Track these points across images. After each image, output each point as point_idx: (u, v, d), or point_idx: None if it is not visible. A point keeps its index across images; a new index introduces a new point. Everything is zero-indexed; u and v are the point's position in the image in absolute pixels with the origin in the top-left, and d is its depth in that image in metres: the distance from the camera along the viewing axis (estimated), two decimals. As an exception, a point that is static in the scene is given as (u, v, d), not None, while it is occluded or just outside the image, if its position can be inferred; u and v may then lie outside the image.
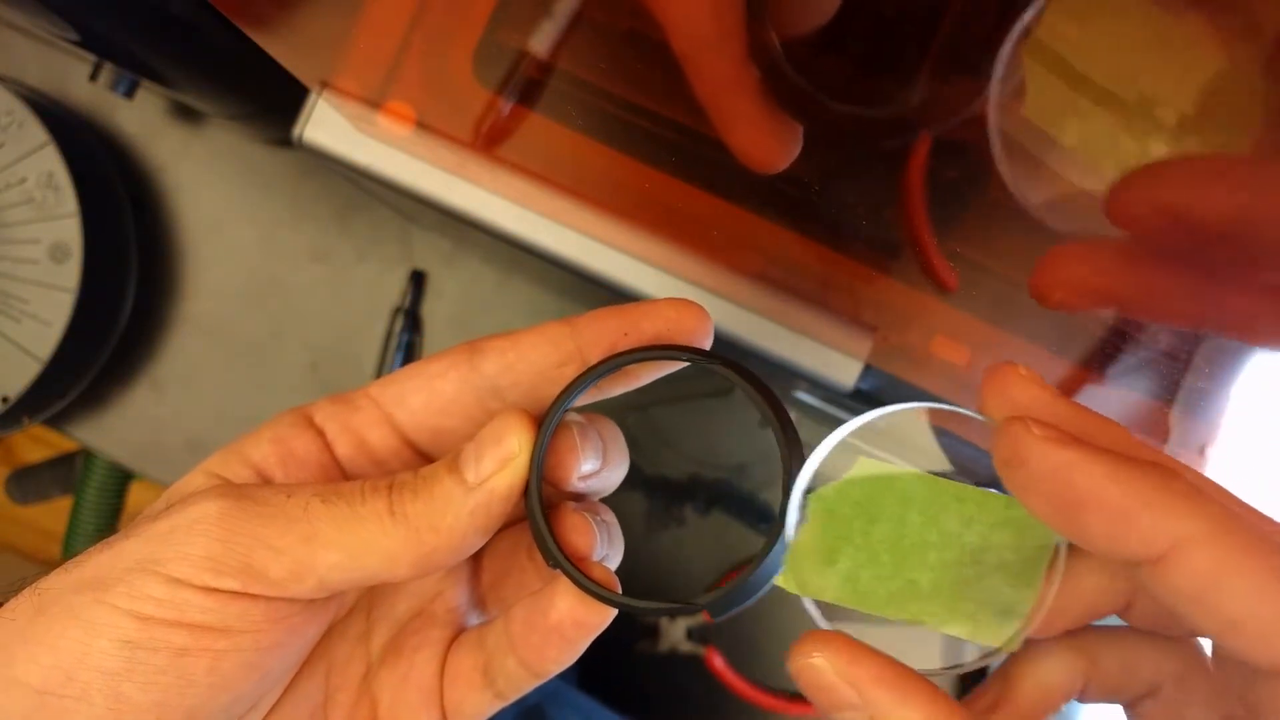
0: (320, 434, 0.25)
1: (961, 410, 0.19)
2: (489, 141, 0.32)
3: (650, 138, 0.29)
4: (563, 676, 0.46)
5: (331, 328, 0.56)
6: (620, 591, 0.22)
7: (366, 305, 0.56)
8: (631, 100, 0.29)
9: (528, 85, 0.30)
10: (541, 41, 0.28)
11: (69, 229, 0.49)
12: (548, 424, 0.22)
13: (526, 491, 0.22)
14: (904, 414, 0.20)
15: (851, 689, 0.18)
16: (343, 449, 0.25)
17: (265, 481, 0.24)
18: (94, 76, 0.46)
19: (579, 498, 0.24)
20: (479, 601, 0.27)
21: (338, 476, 0.25)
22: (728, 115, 0.23)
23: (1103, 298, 0.22)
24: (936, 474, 0.19)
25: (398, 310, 0.55)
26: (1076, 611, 0.20)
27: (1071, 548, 0.19)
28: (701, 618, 0.54)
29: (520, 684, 0.24)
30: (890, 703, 0.17)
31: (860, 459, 0.19)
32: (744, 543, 0.55)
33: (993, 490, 0.19)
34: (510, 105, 0.31)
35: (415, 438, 0.25)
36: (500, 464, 0.21)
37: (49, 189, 0.49)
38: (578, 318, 0.24)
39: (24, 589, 0.21)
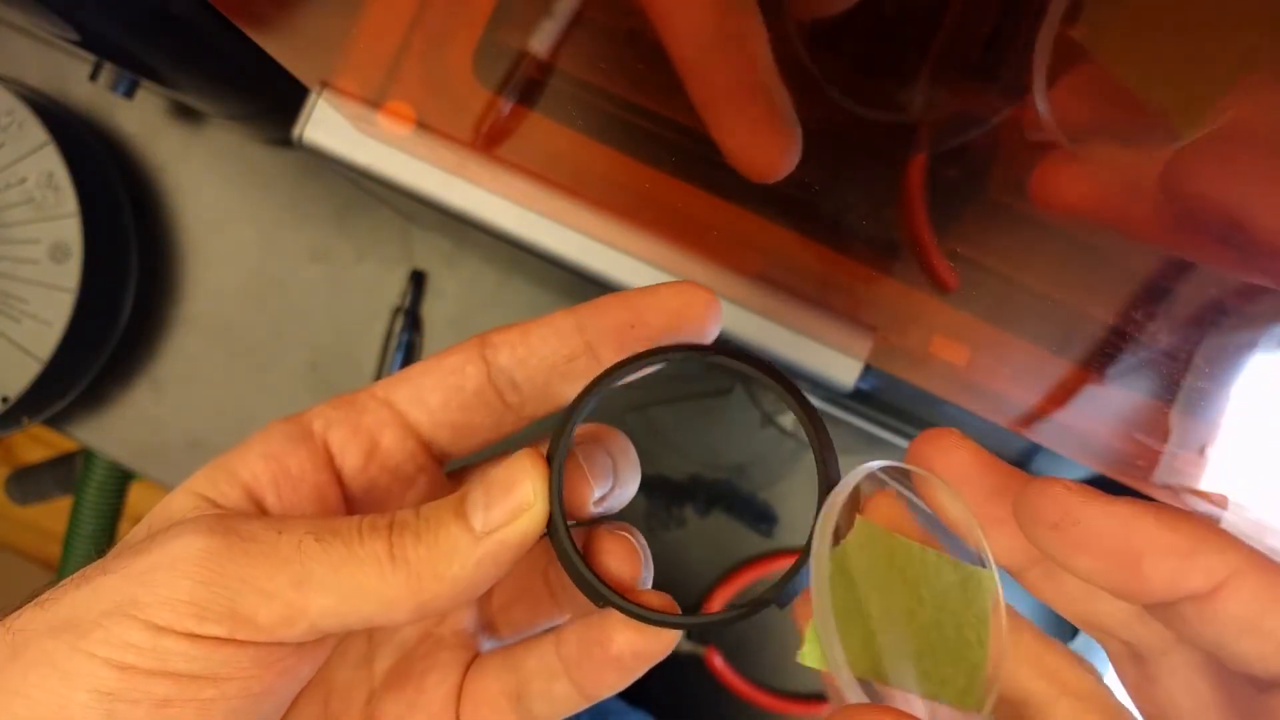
0: (318, 446, 0.23)
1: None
2: (489, 141, 0.32)
3: (650, 138, 0.29)
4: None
5: (331, 328, 0.56)
6: (680, 611, 0.21)
7: (366, 305, 0.56)
8: (631, 100, 0.29)
9: (528, 85, 0.30)
10: (541, 41, 0.28)
11: (69, 229, 0.49)
12: (561, 447, 0.21)
13: (552, 531, 0.21)
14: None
15: None
16: (352, 459, 0.24)
17: (256, 503, 0.22)
18: (94, 76, 0.46)
19: (594, 520, 0.23)
20: (488, 625, 0.26)
21: (335, 497, 0.24)
22: (725, 123, 0.22)
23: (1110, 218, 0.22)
24: None
25: (398, 310, 0.55)
26: None
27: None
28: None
29: (569, 708, 0.23)
30: None
31: (858, 520, 0.19)
32: (744, 543, 0.55)
33: (941, 553, 0.19)
34: (510, 105, 0.31)
35: (435, 436, 0.24)
36: (512, 514, 0.20)
37: (49, 189, 0.49)
38: (582, 307, 0.23)
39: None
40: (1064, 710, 0.20)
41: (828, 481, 0.20)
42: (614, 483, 0.23)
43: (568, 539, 0.21)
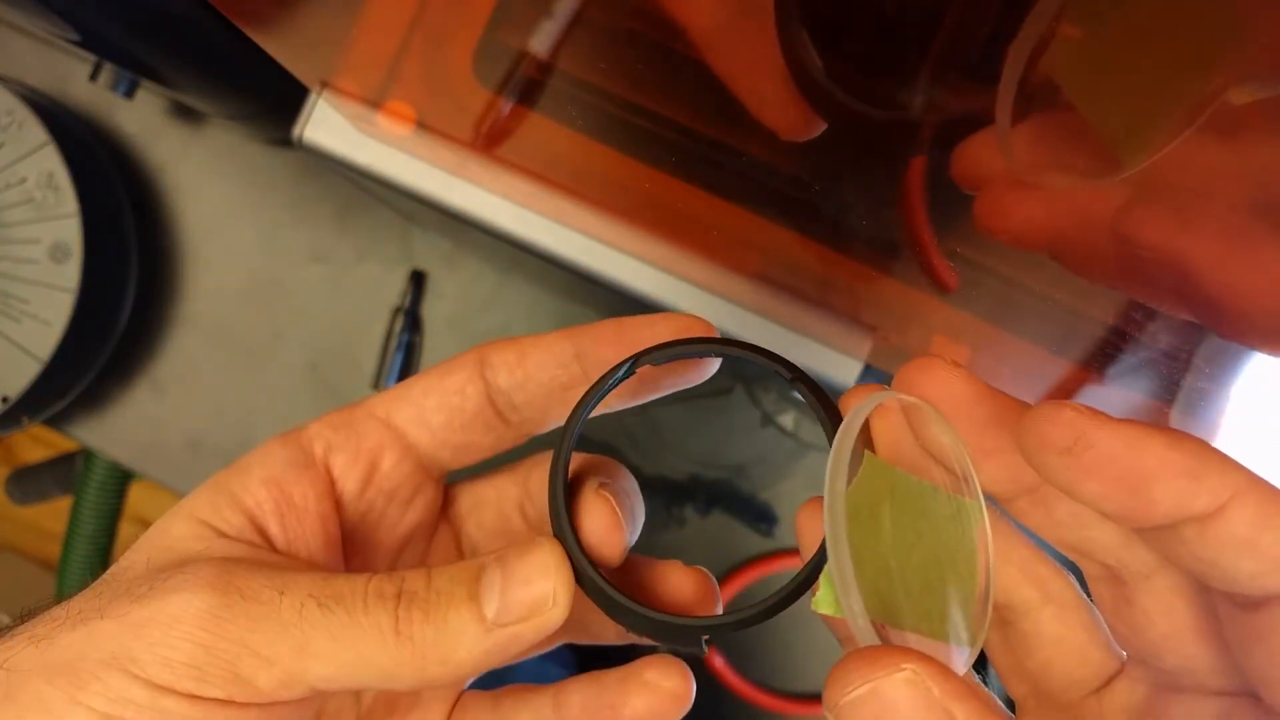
0: (320, 473, 0.23)
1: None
2: (489, 141, 0.32)
3: (650, 138, 0.29)
4: (563, 670, 0.45)
5: (331, 328, 0.56)
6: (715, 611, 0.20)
7: (366, 305, 0.56)
8: (631, 100, 0.29)
9: (528, 85, 0.30)
10: (541, 41, 0.28)
11: (69, 229, 0.49)
12: (561, 459, 0.20)
13: (580, 579, 0.20)
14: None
15: (943, 710, 0.16)
16: (351, 484, 0.23)
17: (260, 532, 0.22)
18: (94, 76, 0.46)
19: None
20: None
21: (336, 526, 0.23)
22: (752, 89, 0.21)
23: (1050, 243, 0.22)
24: None
25: (398, 310, 0.55)
26: None
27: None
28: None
29: None
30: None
31: (867, 456, 0.18)
32: (744, 543, 0.55)
33: (939, 489, 0.19)
34: (510, 105, 0.31)
35: (436, 455, 0.24)
36: (530, 611, 0.19)
37: (49, 189, 0.49)
38: (579, 332, 0.23)
39: None
40: (1049, 615, 0.20)
41: (835, 420, 0.19)
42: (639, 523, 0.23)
43: (602, 580, 0.20)
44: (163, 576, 0.19)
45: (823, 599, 0.18)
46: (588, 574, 0.20)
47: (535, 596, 0.19)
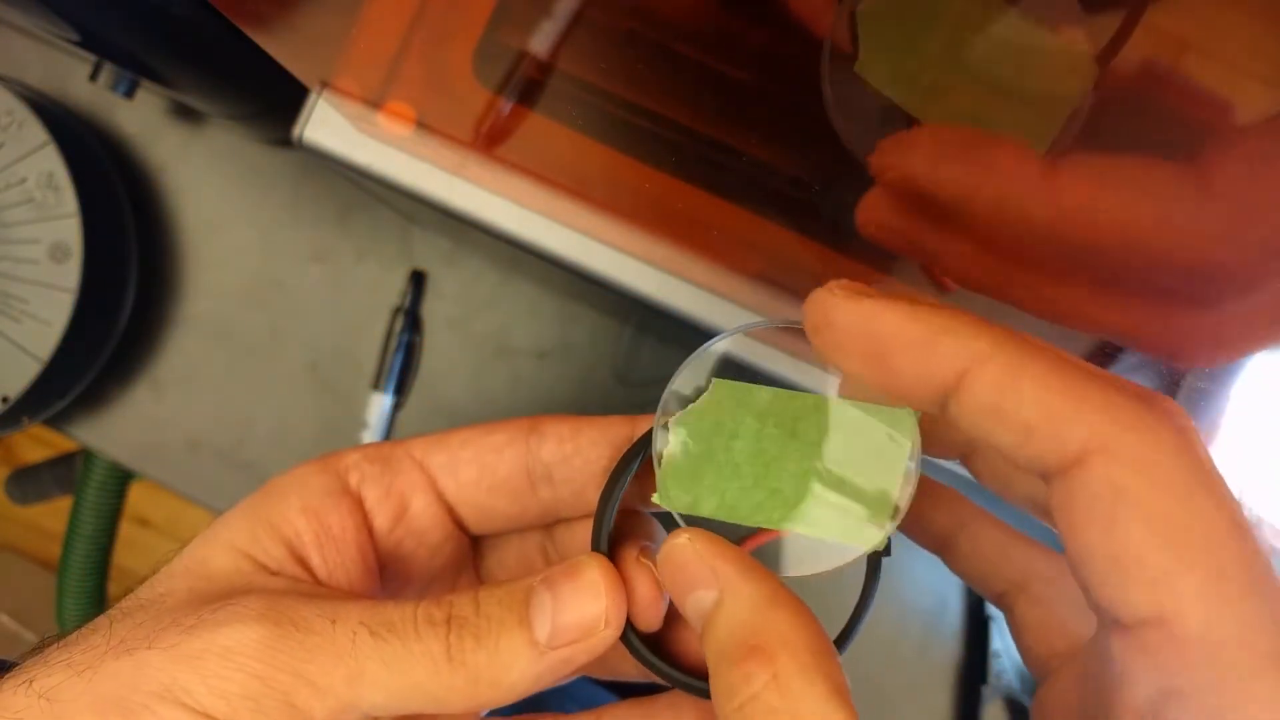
0: (355, 503, 0.23)
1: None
2: (489, 141, 0.32)
3: (650, 137, 0.29)
4: (609, 694, 0.45)
5: (331, 328, 0.56)
6: None
7: (366, 305, 0.56)
8: (631, 100, 0.29)
9: (528, 85, 0.30)
10: (541, 41, 0.28)
11: (69, 229, 0.49)
12: (604, 526, 0.21)
13: (625, 641, 0.21)
14: (754, 332, 0.21)
15: (708, 567, 0.18)
16: (381, 520, 0.23)
17: (301, 563, 0.22)
18: (94, 76, 0.46)
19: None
20: None
21: (373, 557, 0.23)
22: None
23: (901, 242, 0.24)
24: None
25: (398, 310, 0.55)
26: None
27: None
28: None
29: None
30: (738, 578, 0.18)
31: (714, 381, 0.20)
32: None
33: (847, 400, 0.20)
34: (510, 105, 0.31)
35: (460, 511, 0.24)
36: (582, 633, 0.19)
37: (49, 189, 0.49)
38: (642, 422, 0.23)
39: (18, 674, 0.19)
40: (1038, 593, 0.21)
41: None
42: None
43: (646, 650, 0.21)
44: (211, 609, 0.19)
45: (659, 495, 0.21)
46: (630, 640, 0.21)
47: (588, 619, 0.19)
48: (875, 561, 0.20)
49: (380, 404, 0.54)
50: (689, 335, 0.35)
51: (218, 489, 0.54)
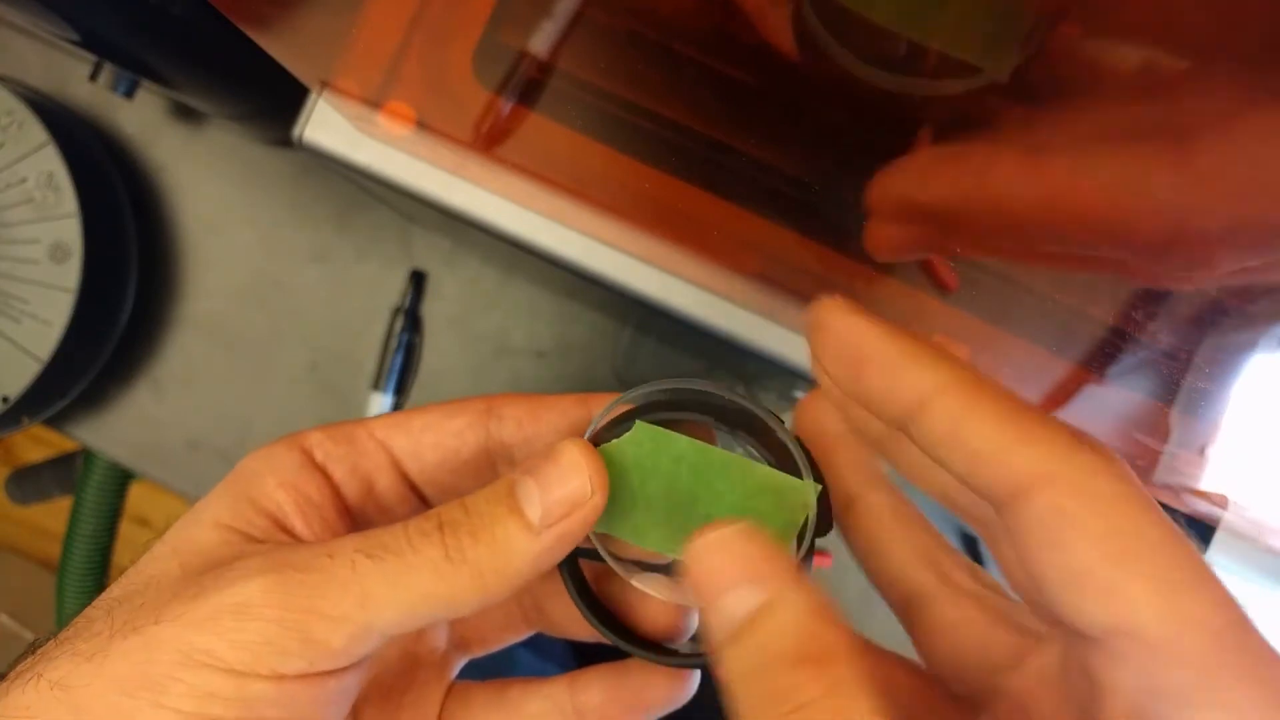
0: (326, 475, 0.23)
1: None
2: (489, 141, 0.32)
3: (650, 137, 0.29)
4: (559, 668, 0.45)
5: (331, 328, 0.56)
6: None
7: (366, 305, 0.56)
8: (631, 100, 0.29)
9: (528, 85, 0.30)
10: (541, 41, 0.28)
11: (69, 229, 0.49)
12: None
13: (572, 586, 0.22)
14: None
15: (758, 568, 0.18)
16: (350, 494, 0.24)
17: (286, 532, 0.22)
18: (94, 76, 0.46)
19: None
20: (460, 642, 0.26)
21: (350, 522, 0.24)
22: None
23: (911, 254, 0.26)
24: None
25: (398, 310, 0.55)
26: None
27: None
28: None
29: None
30: (794, 584, 0.18)
31: (637, 423, 0.21)
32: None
33: (757, 462, 0.21)
34: (510, 105, 0.31)
35: (425, 491, 0.24)
36: (570, 507, 0.20)
37: (49, 189, 0.49)
38: (596, 400, 0.24)
39: (23, 672, 0.19)
40: (946, 602, 0.21)
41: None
42: None
43: (596, 621, 0.22)
44: (210, 576, 0.19)
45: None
46: (584, 610, 0.22)
47: (573, 492, 0.20)
48: None
49: (380, 404, 0.54)
50: (689, 335, 0.35)
51: (218, 489, 0.54)
